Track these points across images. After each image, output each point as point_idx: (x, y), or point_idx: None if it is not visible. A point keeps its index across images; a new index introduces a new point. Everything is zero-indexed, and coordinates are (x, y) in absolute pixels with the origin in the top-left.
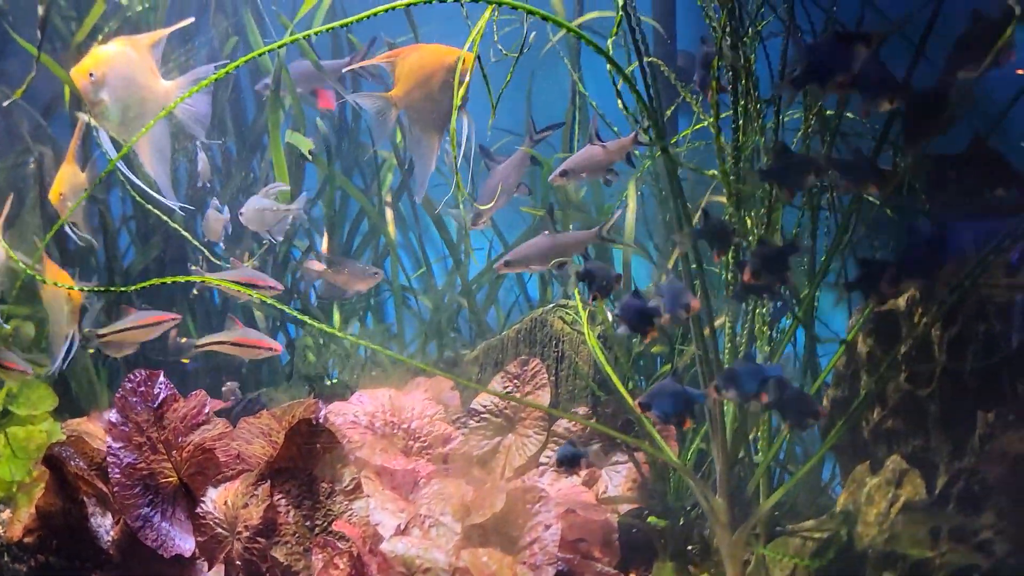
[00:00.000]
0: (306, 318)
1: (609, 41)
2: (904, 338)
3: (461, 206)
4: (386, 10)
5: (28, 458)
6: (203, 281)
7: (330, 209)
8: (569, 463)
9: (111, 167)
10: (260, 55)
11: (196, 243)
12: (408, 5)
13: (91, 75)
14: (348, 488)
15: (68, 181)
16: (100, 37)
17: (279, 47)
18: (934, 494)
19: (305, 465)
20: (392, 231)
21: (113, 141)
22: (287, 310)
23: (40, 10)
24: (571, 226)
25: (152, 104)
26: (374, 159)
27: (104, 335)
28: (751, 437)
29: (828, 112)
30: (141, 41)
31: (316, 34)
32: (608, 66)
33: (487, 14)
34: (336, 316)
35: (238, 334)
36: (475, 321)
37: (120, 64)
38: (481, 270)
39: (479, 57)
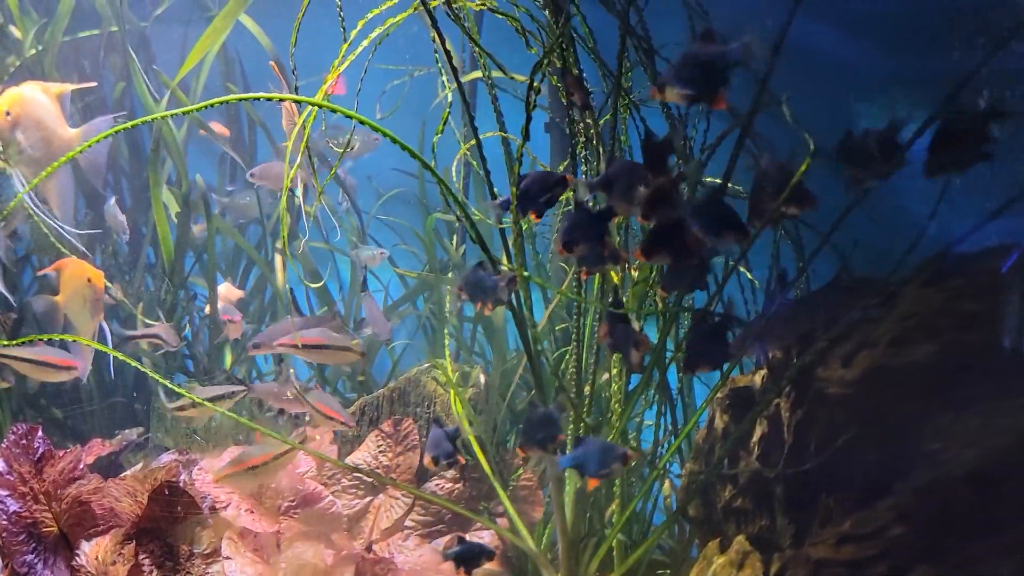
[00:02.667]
0: (168, 382)
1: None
2: (758, 417)
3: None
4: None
5: None
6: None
7: (212, 257)
8: (467, 563)
9: (12, 206)
10: (154, 120)
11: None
12: (242, 100)
13: (7, 114)
14: (206, 552)
15: None
16: None
17: (171, 116)
18: None
19: (167, 527)
20: (281, 279)
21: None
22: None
23: None
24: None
25: (58, 149)
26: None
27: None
28: (609, 513)
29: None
30: (51, 88)
31: (208, 107)
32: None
33: (308, 114)
34: (228, 358)
35: None
36: (359, 372)
37: (34, 107)
38: None
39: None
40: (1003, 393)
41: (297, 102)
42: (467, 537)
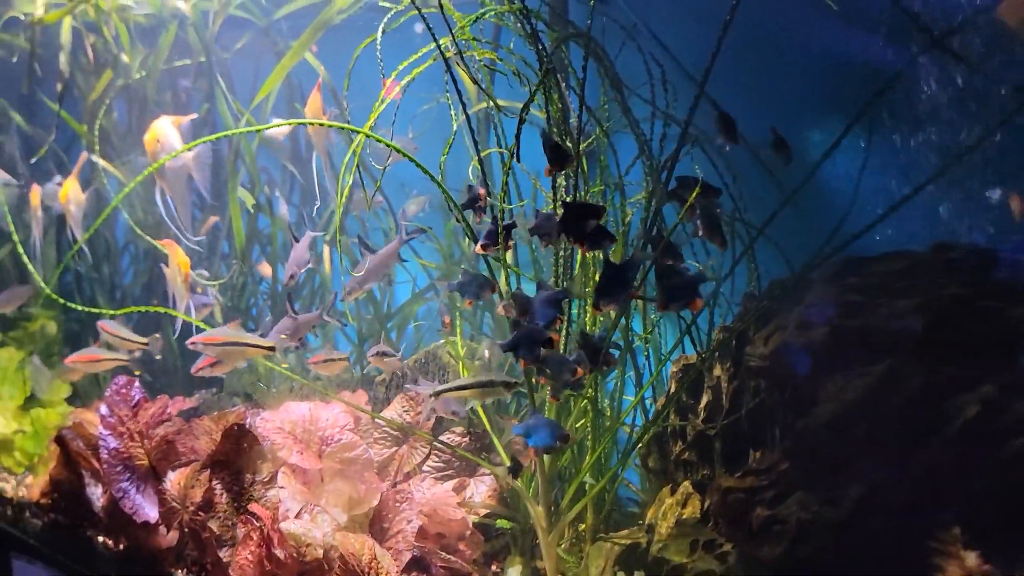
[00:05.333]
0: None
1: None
2: (703, 387)
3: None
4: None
5: (46, 436)
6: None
7: (275, 249)
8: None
9: (111, 208)
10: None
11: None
12: (298, 124)
13: (157, 141)
14: (265, 480)
15: (71, 193)
16: (108, 101)
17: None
18: (705, 513)
19: (235, 459)
20: (328, 268)
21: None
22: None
23: (59, 87)
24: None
25: (181, 167)
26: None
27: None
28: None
29: None
30: (177, 120)
31: (271, 128)
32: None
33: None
34: None
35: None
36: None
37: (170, 135)
38: (402, 303)
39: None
40: (863, 364)
41: (345, 129)
42: (471, 480)
